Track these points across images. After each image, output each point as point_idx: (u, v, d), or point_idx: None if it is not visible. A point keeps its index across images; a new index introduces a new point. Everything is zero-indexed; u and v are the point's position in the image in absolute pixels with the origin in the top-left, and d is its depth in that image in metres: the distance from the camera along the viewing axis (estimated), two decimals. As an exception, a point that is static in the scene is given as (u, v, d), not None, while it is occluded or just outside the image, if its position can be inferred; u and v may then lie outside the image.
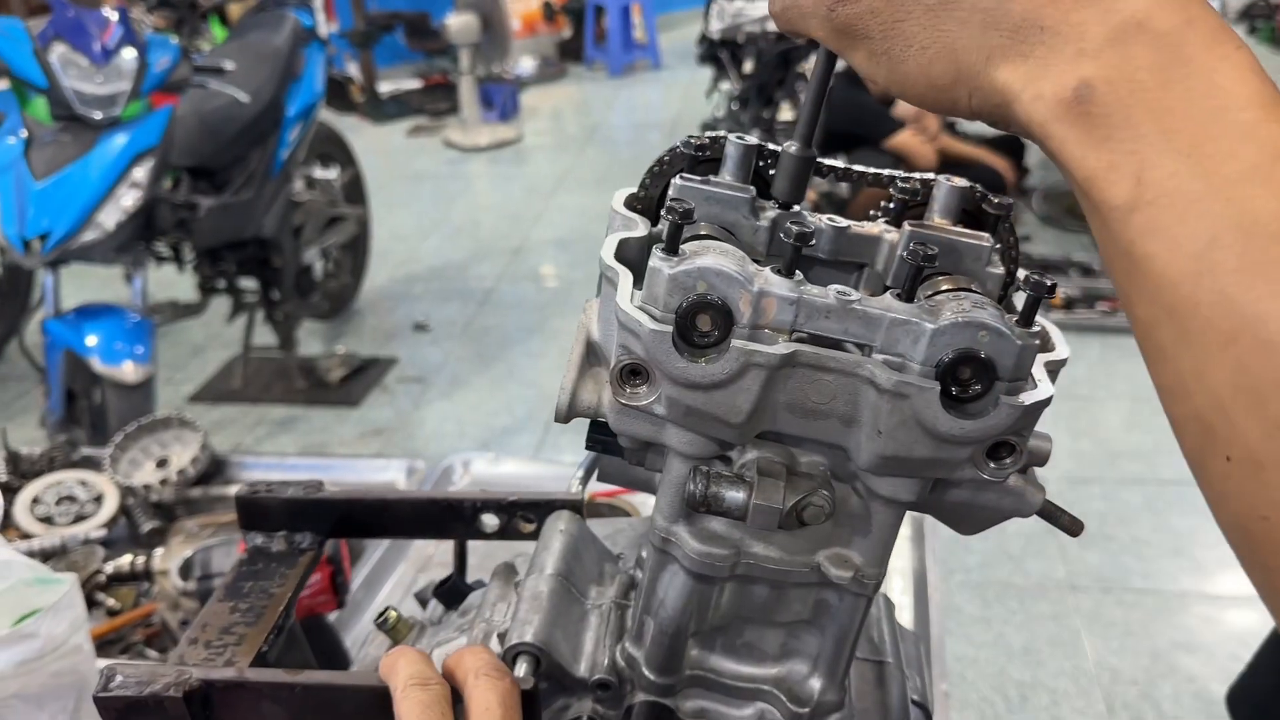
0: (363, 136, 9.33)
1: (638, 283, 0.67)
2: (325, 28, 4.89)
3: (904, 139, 5.85)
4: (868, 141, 5.69)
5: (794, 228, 0.62)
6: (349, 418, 4.85)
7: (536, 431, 4.65)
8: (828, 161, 0.78)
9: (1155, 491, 4.09)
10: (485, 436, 4.66)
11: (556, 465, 2.26)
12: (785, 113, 5.58)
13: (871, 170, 0.78)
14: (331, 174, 5.29)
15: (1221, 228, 0.47)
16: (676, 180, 0.73)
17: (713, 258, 0.64)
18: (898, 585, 1.87)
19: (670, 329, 0.63)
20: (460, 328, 5.72)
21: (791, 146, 0.71)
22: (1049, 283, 0.61)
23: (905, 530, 1.95)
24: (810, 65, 4.79)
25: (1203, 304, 0.47)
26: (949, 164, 6.00)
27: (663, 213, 0.64)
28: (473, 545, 1.07)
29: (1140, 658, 3.31)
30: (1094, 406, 4.70)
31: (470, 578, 1.04)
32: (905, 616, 1.79)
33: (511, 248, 6.84)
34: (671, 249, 0.64)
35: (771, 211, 0.74)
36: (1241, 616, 3.49)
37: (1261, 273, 0.46)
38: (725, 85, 5.79)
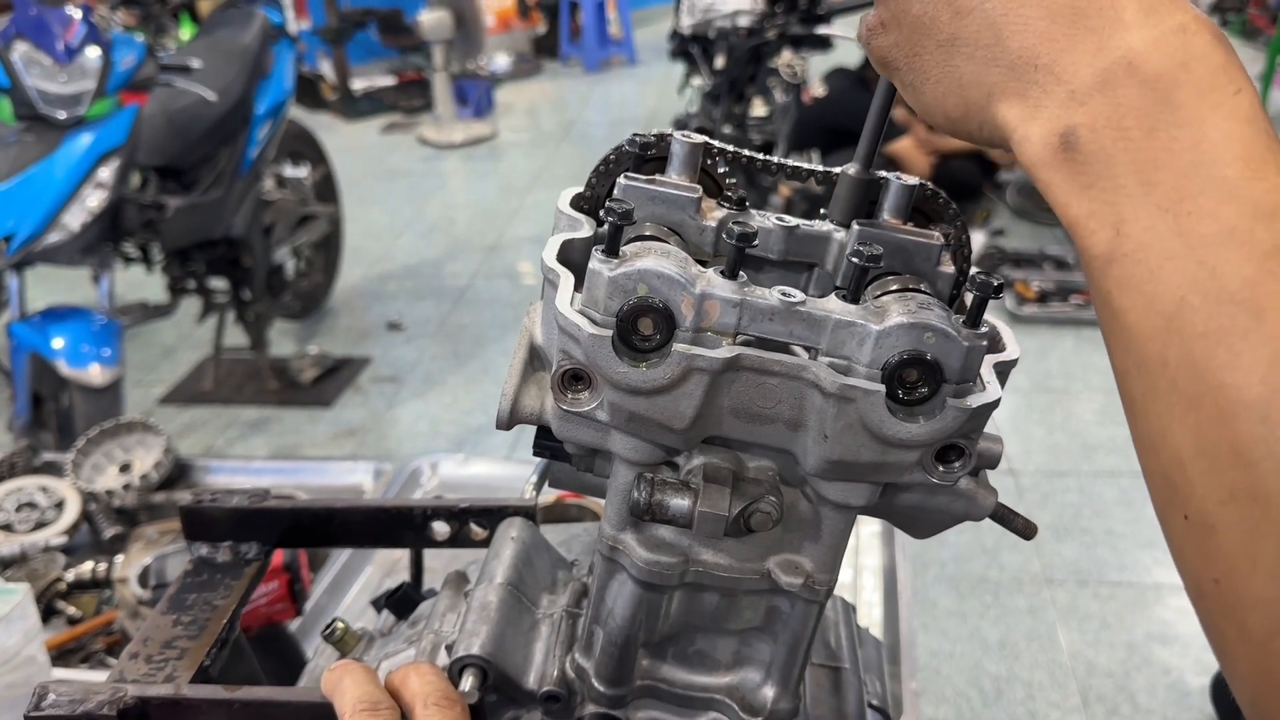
0: (336, 134, 9.28)
1: (581, 285, 0.65)
2: (296, 24, 4.86)
3: (903, 146, 5.90)
4: None
5: (736, 228, 0.61)
6: (322, 418, 4.81)
7: (511, 430, 4.62)
8: (776, 159, 0.77)
9: (1130, 484, 4.10)
10: (460, 436, 4.63)
11: (527, 466, 2.24)
12: (757, 108, 5.56)
13: (821, 169, 0.76)
14: (302, 172, 5.25)
15: (1191, 290, 0.46)
16: (621, 180, 0.71)
17: (654, 259, 0.62)
18: (869, 583, 1.86)
19: (610, 333, 0.62)
20: (435, 326, 5.68)
21: (851, 169, 0.70)
22: (996, 283, 0.59)
23: (875, 527, 1.94)
24: (782, 60, 4.73)
25: (1170, 364, 0.47)
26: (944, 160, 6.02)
27: (602, 213, 0.62)
28: (445, 550, 1.04)
29: (1116, 650, 3.31)
30: (1069, 400, 4.71)
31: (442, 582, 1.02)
32: (875, 614, 1.78)
33: (487, 245, 6.80)
34: (612, 251, 0.62)
35: (719, 211, 0.72)
36: (1215, 607, 3.50)
37: (1224, 341, 0.45)
38: (697, 81, 5.76)
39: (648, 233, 0.69)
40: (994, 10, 0.52)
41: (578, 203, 0.76)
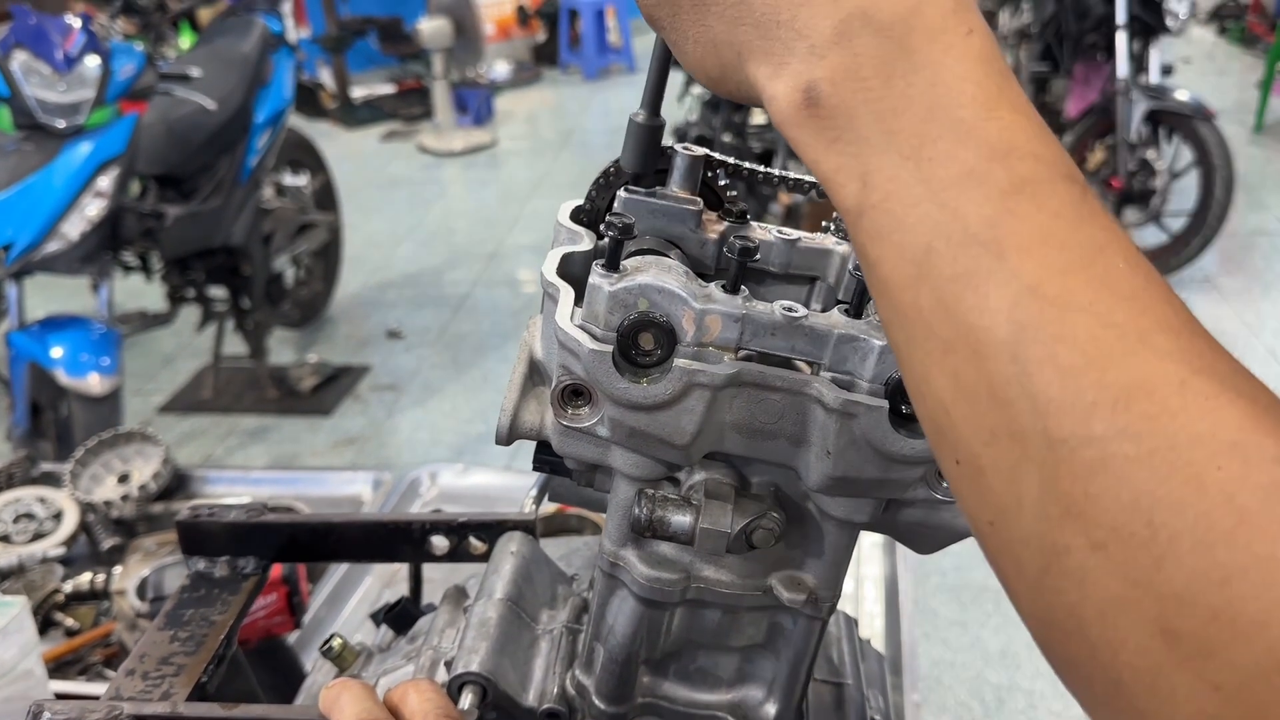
0: (336, 142, 9.27)
1: (581, 300, 0.65)
2: (295, 33, 4.85)
3: None
4: None
5: (737, 243, 0.60)
6: (321, 427, 4.80)
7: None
8: (777, 172, 0.76)
9: (1130, 491, 4.09)
10: (459, 444, 4.62)
11: (527, 476, 2.23)
12: (757, 116, 5.56)
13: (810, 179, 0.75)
14: (301, 180, 5.25)
15: (936, 235, 0.46)
16: (621, 193, 0.70)
17: (654, 274, 0.61)
18: (870, 594, 1.85)
19: (611, 348, 0.61)
20: (434, 334, 5.68)
21: (639, 116, 0.70)
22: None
23: (876, 538, 1.93)
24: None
25: (924, 310, 0.47)
26: None
27: (602, 227, 0.61)
28: (445, 563, 1.03)
29: (1117, 659, 3.30)
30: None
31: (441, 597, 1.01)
32: (877, 625, 1.77)
33: (487, 253, 6.80)
34: (612, 265, 0.62)
35: (720, 224, 0.72)
36: (1217, 616, 3.49)
37: (971, 283, 0.45)
38: (697, 89, 5.77)
39: (648, 246, 0.68)
40: None
41: (577, 216, 0.75)
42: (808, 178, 0.76)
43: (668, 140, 0.75)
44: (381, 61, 10.95)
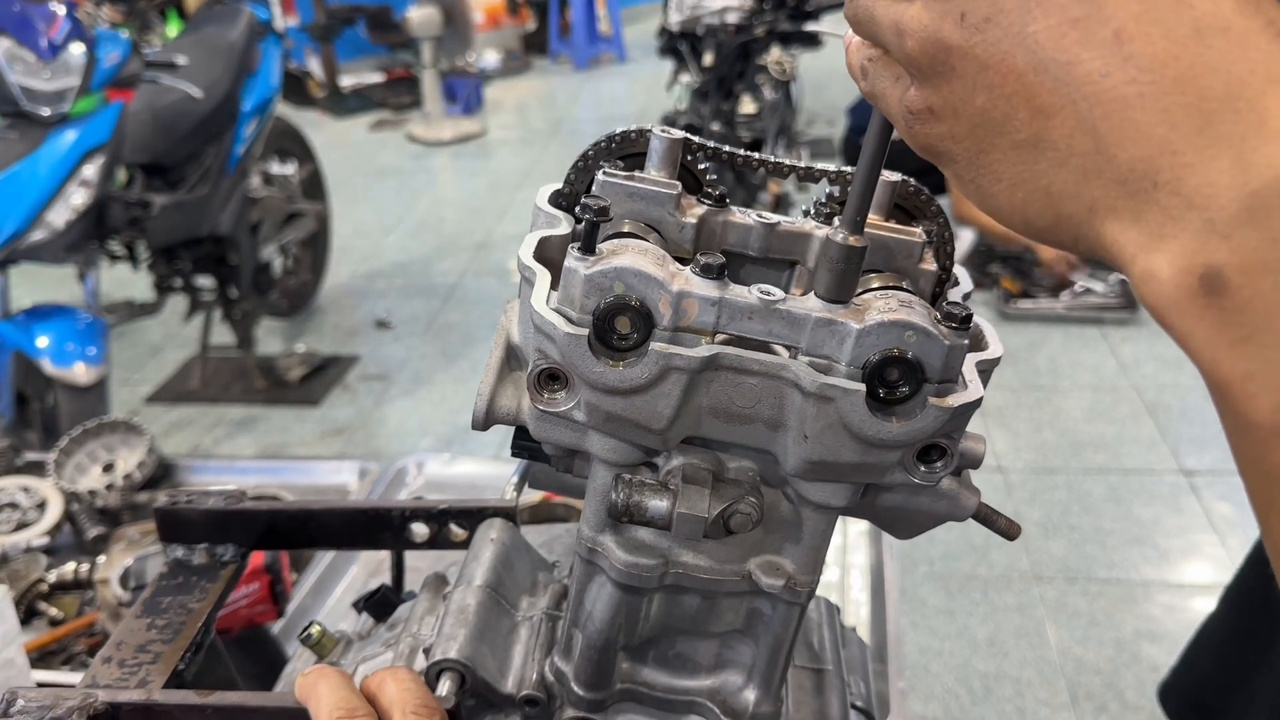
0: (324, 131, 9.24)
1: (558, 283, 0.64)
2: (283, 21, 4.84)
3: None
4: None
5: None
6: (309, 417, 4.79)
7: (500, 429, 4.60)
8: (757, 155, 0.75)
9: (1118, 481, 4.10)
10: (449, 434, 4.61)
11: (513, 465, 2.22)
12: (746, 105, 5.55)
13: (803, 165, 0.75)
14: (289, 169, 5.23)
15: None
16: (599, 176, 0.70)
17: (630, 257, 0.61)
18: (856, 582, 1.85)
19: (586, 332, 0.61)
20: (423, 324, 5.66)
21: (838, 234, 0.60)
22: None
23: (862, 526, 1.93)
24: (771, 57, 4.71)
25: None
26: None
27: (578, 210, 0.61)
28: (431, 550, 1.03)
29: (1104, 647, 3.31)
30: (1057, 397, 4.71)
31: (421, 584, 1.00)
32: (863, 613, 1.78)
33: (476, 242, 6.79)
34: (588, 248, 0.61)
35: (699, 208, 0.71)
36: (1204, 605, 3.49)
37: None
38: (686, 78, 5.76)
39: (626, 230, 0.68)
40: (1090, 112, 0.43)
41: (556, 199, 0.75)
42: (788, 161, 0.76)
43: (647, 125, 0.74)
44: (370, 50, 10.90)
